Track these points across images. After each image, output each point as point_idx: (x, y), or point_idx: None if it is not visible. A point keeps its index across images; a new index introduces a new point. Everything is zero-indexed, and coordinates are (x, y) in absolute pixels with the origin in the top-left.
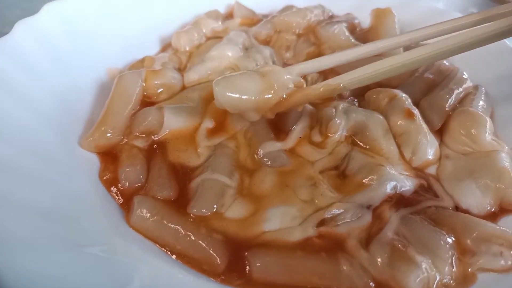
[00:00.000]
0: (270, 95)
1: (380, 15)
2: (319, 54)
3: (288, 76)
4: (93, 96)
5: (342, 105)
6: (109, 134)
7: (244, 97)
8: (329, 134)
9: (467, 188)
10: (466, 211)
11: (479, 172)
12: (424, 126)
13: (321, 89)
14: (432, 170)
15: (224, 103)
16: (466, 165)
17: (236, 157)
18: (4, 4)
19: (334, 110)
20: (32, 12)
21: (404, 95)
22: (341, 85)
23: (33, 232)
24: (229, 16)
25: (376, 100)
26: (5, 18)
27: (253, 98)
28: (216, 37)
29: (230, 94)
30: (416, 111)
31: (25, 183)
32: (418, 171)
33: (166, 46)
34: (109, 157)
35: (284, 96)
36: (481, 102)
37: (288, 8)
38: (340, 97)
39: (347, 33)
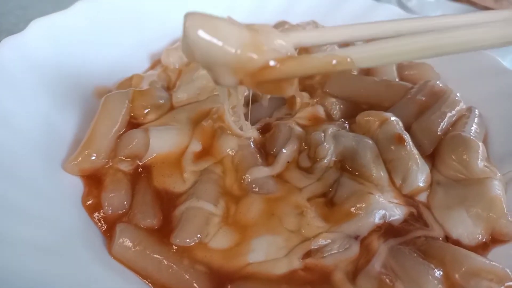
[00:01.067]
0: (255, 55)
1: None
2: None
3: (281, 42)
4: (80, 116)
5: (331, 129)
6: (93, 158)
7: (221, 44)
8: (317, 159)
9: (458, 217)
10: (457, 241)
11: (471, 201)
12: (415, 151)
13: (321, 58)
14: (423, 197)
15: (194, 46)
16: (458, 192)
17: (222, 183)
18: None
19: (323, 134)
20: (26, 20)
21: (395, 118)
22: (348, 59)
23: (9, 261)
24: None
25: (367, 123)
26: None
27: (233, 50)
28: None
29: (204, 34)
30: (407, 136)
31: (4, 209)
32: (408, 198)
33: (156, 63)
34: (94, 181)
35: (273, 62)
36: (474, 126)
37: (281, 24)
38: (330, 119)
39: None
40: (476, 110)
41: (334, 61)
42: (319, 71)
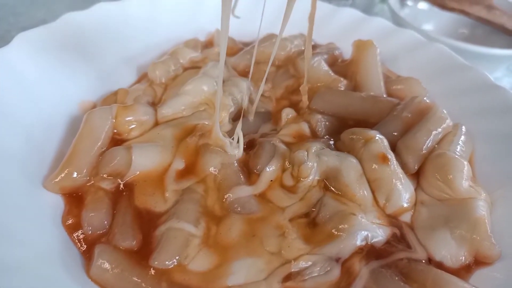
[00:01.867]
0: None
1: (361, 47)
2: (299, 87)
3: None
4: (63, 132)
5: (314, 148)
6: (74, 176)
7: None
8: (300, 178)
9: (442, 238)
10: (440, 263)
11: (455, 221)
12: (399, 171)
13: None
14: (406, 217)
15: None
16: (442, 213)
17: (203, 203)
18: None
19: (306, 153)
20: (18, 27)
21: (380, 136)
22: None
23: None
24: (209, 44)
25: (351, 141)
26: None
27: None
28: (194, 67)
29: None
30: (391, 156)
31: None
32: (392, 218)
33: (143, 76)
34: (74, 199)
35: None
36: (460, 144)
37: (269, 37)
38: (315, 136)
39: (326, 67)
40: (463, 127)
41: None
42: None
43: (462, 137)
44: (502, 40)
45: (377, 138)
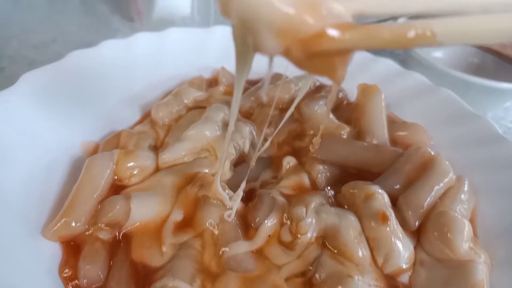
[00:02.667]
0: (310, 18)
1: (366, 91)
2: (302, 132)
3: (339, 7)
4: (65, 175)
5: (314, 204)
6: (73, 225)
7: None
8: (299, 235)
9: None
10: None
11: (453, 285)
12: (399, 230)
13: (395, 29)
14: (405, 277)
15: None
16: (441, 275)
17: (200, 259)
18: None
19: (305, 209)
20: (29, 45)
21: (381, 192)
22: (429, 32)
23: None
24: (213, 81)
25: (352, 196)
26: None
27: (284, 7)
28: (198, 107)
29: None
30: (391, 214)
31: None
32: (390, 279)
33: (146, 115)
34: (72, 248)
35: (333, 31)
36: (463, 200)
37: (275, 78)
38: (315, 188)
39: (330, 116)
40: (466, 182)
41: (411, 33)
42: (390, 44)
43: (465, 193)
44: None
45: (377, 194)
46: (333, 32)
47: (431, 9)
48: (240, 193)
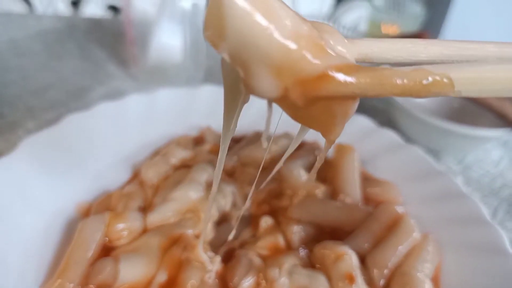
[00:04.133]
0: (313, 56)
1: (342, 152)
2: (280, 192)
3: (341, 49)
4: (61, 236)
5: (287, 264)
6: (67, 285)
7: (269, 26)
8: None
9: None
10: None
11: None
12: None
13: (409, 73)
14: None
15: (227, 17)
16: None
17: None
18: None
19: (278, 270)
20: (28, 90)
21: (350, 252)
22: (445, 78)
23: None
24: (200, 139)
25: (323, 256)
26: None
27: (284, 40)
28: (185, 166)
29: (247, 5)
30: (357, 275)
31: None
32: None
33: (136, 174)
34: None
35: (337, 73)
36: (427, 259)
37: (256, 138)
38: (290, 248)
39: (306, 177)
40: (431, 240)
41: (427, 79)
42: (403, 92)
43: (429, 252)
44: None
45: (346, 255)
46: (339, 75)
47: (443, 58)
48: (219, 259)
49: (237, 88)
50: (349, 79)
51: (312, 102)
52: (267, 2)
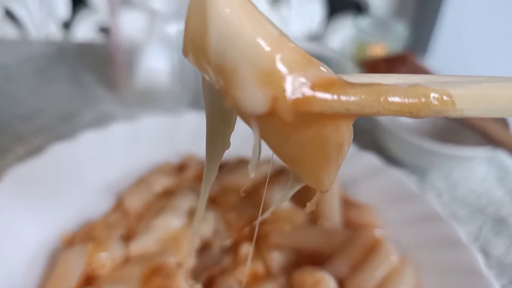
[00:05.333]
0: (304, 69)
1: None
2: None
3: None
4: (45, 266)
5: None
6: None
7: (257, 34)
8: None
9: None
10: None
11: None
12: None
13: (407, 90)
14: None
15: (212, 24)
16: None
17: None
18: None
19: None
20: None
21: (328, 277)
22: (445, 96)
23: None
24: (183, 166)
25: (301, 282)
26: None
27: (267, 48)
28: (168, 193)
29: (235, 14)
30: None
31: None
32: None
33: (119, 202)
34: None
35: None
36: (404, 282)
37: (238, 164)
38: (269, 275)
39: (286, 203)
40: (409, 263)
41: (426, 97)
42: (403, 109)
43: (407, 275)
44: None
45: (324, 281)
46: (333, 88)
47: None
48: (199, 287)
49: (218, 105)
50: (344, 92)
51: (302, 119)
52: (255, 14)
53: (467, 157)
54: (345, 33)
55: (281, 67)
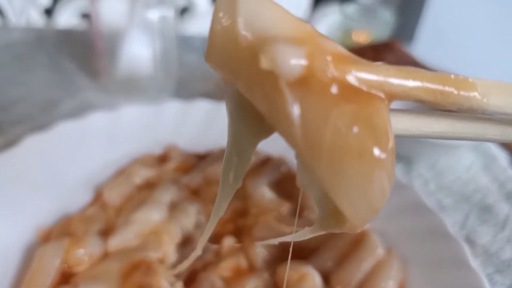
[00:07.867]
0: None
1: None
2: (244, 211)
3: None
4: (19, 261)
5: (249, 286)
6: None
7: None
8: None
9: None
10: None
11: None
12: None
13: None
14: None
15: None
16: None
17: None
18: None
19: None
20: None
21: (313, 271)
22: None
23: None
24: (165, 157)
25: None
26: None
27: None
28: (149, 185)
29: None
30: None
31: None
32: None
33: (98, 196)
34: None
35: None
36: (391, 275)
37: (223, 153)
38: (253, 269)
39: (270, 195)
40: (395, 255)
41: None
42: (435, 95)
43: (393, 267)
44: None
45: (309, 276)
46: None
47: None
48: (180, 284)
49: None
50: (379, 64)
51: (341, 91)
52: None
53: (453, 145)
54: (331, 19)
55: (314, 33)
